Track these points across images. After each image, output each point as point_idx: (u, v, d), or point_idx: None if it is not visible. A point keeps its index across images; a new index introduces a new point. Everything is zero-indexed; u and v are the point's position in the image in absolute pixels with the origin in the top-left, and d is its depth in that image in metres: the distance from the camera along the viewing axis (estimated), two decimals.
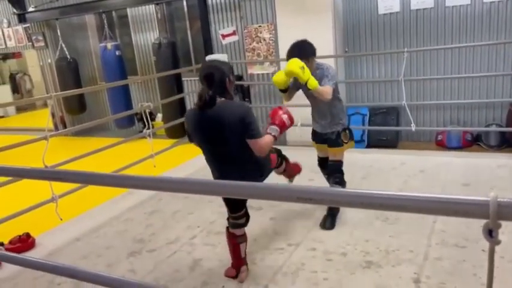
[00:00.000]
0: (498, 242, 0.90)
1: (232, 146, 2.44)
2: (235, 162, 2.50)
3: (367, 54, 5.93)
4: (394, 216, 3.35)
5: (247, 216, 2.72)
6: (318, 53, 3.26)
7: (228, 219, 2.73)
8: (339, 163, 3.35)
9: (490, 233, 0.90)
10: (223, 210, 3.84)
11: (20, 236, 3.53)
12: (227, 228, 2.74)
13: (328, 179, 3.44)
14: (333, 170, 3.36)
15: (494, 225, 0.88)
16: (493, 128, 5.33)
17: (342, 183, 3.33)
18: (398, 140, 5.85)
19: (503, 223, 0.91)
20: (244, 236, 2.74)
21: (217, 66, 2.48)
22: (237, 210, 2.67)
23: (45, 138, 3.59)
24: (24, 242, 3.50)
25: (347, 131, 3.34)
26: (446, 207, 0.94)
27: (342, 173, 3.36)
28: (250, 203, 3.87)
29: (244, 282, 2.72)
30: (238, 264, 2.76)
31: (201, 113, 2.41)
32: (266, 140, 2.49)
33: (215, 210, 3.89)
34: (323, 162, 3.53)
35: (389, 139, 5.64)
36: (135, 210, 4.12)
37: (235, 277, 2.74)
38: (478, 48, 5.36)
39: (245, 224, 2.72)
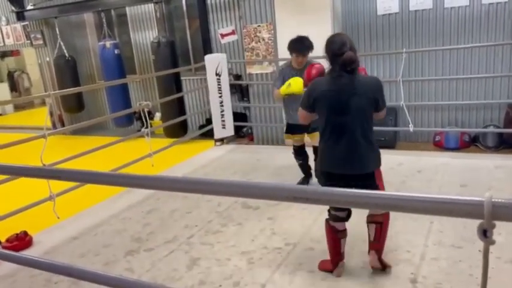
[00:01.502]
0: (492, 242, 0.91)
1: (364, 119, 2.47)
2: (362, 141, 2.46)
3: (365, 54, 5.93)
4: (392, 217, 3.35)
5: (349, 210, 2.61)
6: (317, 53, 3.48)
7: (329, 210, 2.65)
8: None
9: (485, 233, 0.90)
10: (221, 209, 3.87)
11: (17, 234, 3.53)
12: (327, 220, 2.65)
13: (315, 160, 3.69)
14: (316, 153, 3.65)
15: (489, 226, 0.89)
16: (491, 129, 5.34)
17: None
18: (396, 140, 5.86)
19: (501, 224, 0.92)
20: (345, 231, 2.64)
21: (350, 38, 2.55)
22: None
23: (43, 136, 3.58)
24: (22, 240, 3.50)
25: None
26: (442, 207, 0.94)
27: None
28: (249, 202, 3.90)
29: (341, 276, 2.68)
30: (337, 260, 2.66)
31: (340, 79, 2.43)
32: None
33: (213, 209, 3.89)
34: (299, 150, 4.22)
35: (387, 139, 5.65)
36: (133, 209, 4.12)
37: (331, 271, 2.69)
38: (476, 50, 5.37)
39: (346, 219, 2.62)
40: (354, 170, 2.48)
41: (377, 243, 2.63)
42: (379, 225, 2.61)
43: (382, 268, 2.66)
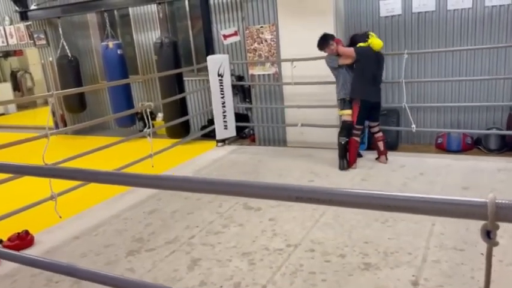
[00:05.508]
0: (496, 244, 0.90)
1: (381, 74, 4.83)
2: (379, 84, 4.80)
3: None
4: (393, 218, 3.35)
5: (363, 131, 4.95)
6: (319, 53, 3.62)
7: (351, 131, 4.73)
8: (344, 123, 4.86)
9: (488, 235, 0.90)
10: (222, 210, 3.87)
11: (18, 233, 3.53)
12: (351, 138, 4.73)
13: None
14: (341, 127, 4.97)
15: (492, 227, 0.89)
16: (494, 132, 5.32)
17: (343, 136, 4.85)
18: (398, 142, 5.85)
19: (503, 227, 0.91)
20: (359, 141, 4.90)
21: None
22: (362, 124, 4.80)
23: (46, 136, 3.59)
24: (23, 240, 3.50)
25: (342, 101, 4.84)
26: (445, 208, 0.94)
27: (346, 129, 4.80)
28: (250, 203, 3.90)
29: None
30: (355, 158, 4.80)
31: (375, 53, 4.67)
32: None
33: (214, 210, 3.89)
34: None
35: (389, 141, 5.62)
36: (135, 210, 4.12)
37: (351, 165, 4.75)
38: (478, 52, 5.36)
39: (360, 136, 4.86)
40: (377, 99, 4.76)
41: (384, 150, 4.87)
42: (382, 141, 4.90)
43: (386, 159, 4.90)
